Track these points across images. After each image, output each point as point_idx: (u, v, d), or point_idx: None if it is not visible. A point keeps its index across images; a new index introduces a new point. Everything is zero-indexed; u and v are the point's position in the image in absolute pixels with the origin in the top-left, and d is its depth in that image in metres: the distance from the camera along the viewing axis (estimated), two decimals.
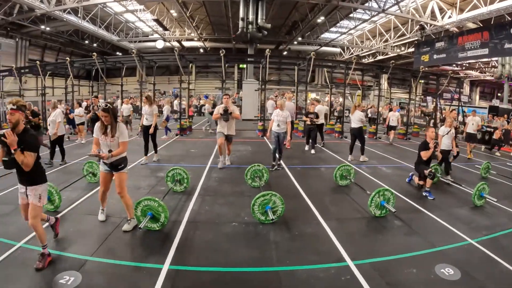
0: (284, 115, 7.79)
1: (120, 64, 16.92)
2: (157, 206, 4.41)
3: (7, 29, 23.97)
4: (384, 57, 30.16)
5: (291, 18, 24.74)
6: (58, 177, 6.91)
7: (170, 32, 28.10)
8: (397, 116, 13.62)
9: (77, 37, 27.55)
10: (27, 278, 3.23)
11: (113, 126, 4.27)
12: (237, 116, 7.85)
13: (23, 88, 16.98)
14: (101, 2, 19.42)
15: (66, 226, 4.59)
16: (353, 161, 9.04)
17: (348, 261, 3.64)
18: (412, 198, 5.98)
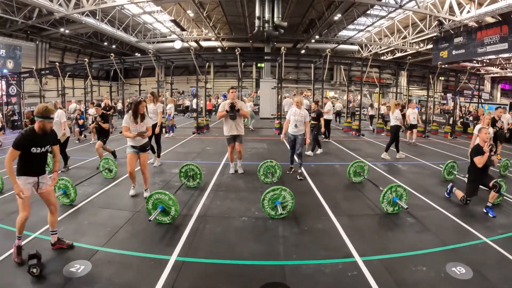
0: (303, 114, 6.74)
1: (138, 64, 17.23)
2: (168, 200, 4.49)
3: (27, 32, 24.73)
4: (402, 54, 29.54)
5: (308, 16, 24.54)
6: (76, 173, 7.14)
7: (188, 32, 28.35)
8: (417, 114, 12.46)
9: (96, 39, 28.13)
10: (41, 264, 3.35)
11: (143, 116, 5.52)
12: (245, 113, 6.86)
13: (43, 89, 17.53)
14: (118, 4, 19.76)
15: (81, 218, 4.78)
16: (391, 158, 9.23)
17: (356, 257, 3.59)
18: (426, 195, 5.84)
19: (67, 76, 17.89)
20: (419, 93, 30.93)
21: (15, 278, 3.23)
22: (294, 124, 6.79)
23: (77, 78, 21.09)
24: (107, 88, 18.75)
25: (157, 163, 7.96)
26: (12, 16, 19.53)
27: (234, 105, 6.56)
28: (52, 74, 20.30)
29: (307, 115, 6.84)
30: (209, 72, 34.84)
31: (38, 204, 5.27)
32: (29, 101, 20.45)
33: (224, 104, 6.72)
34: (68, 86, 18.54)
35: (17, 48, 23.77)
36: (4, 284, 3.13)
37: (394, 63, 17.17)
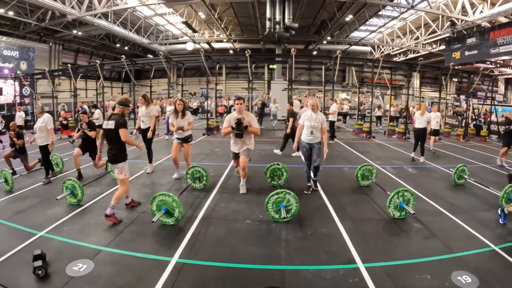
0: (319, 119, 5.79)
1: (149, 66, 17.40)
2: (172, 202, 4.51)
3: (40, 34, 25.18)
4: (415, 55, 29.15)
5: (319, 17, 24.39)
6: (85, 173, 7.22)
7: (199, 34, 28.48)
8: (439, 118, 11.20)
9: (108, 40, 28.52)
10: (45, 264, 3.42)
11: (184, 112, 6.60)
12: (255, 131, 5.73)
13: (55, 90, 17.84)
14: (130, 7, 19.98)
15: (87, 218, 4.86)
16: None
17: (358, 263, 3.54)
18: (435, 200, 5.72)
19: (79, 77, 18.19)
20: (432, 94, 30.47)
21: (19, 275, 3.32)
22: (310, 131, 5.83)
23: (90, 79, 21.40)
24: (119, 89, 18.94)
25: (150, 169, 7.45)
26: (25, 19, 19.96)
27: (241, 121, 5.56)
28: (65, 75, 20.66)
29: (324, 121, 5.86)
30: (221, 74, 35.01)
31: (44, 204, 5.43)
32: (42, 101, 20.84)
33: (230, 119, 5.72)
34: (81, 87, 18.84)
35: (30, 49, 24.24)
36: (9, 280, 3.21)
37: (406, 64, 16.92)
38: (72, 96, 16.95)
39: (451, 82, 31.99)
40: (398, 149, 10.95)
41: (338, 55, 13.67)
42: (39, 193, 6.05)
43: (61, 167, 7.73)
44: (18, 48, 23.18)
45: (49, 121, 6.86)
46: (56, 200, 5.27)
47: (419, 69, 15.09)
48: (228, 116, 5.85)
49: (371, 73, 14.88)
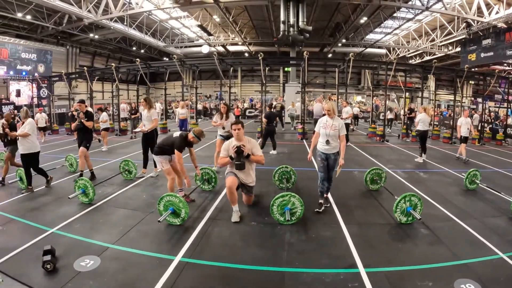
0: (336, 125, 5.11)
1: (164, 69, 17.68)
2: (178, 202, 4.60)
3: (57, 37, 26.00)
4: (431, 58, 28.70)
5: (334, 20, 24.34)
6: (97, 174, 7.43)
7: (215, 37, 28.78)
8: (470, 124, 10.36)
9: (125, 43, 29.14)
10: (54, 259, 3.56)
11: (227, 114, 7.66)
12: (259, 159, 5.02)
13: (72, 92, 18.30)
14: (145, 11, 20.37)
15: (97, 216, 5.02)
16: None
17: (360, 268, 3.52)
18: (444, 205, 5.63)
19: (95, 80, 18.60)
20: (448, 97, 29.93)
21: (29, 269, 3.47)
22: (325, 140, 5.15)
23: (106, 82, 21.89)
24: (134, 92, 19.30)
25: (155, 172, 7.39)
26: (43, 22, 20.66)
27: (241, 149, 4.82)
28: (81, 78, 21.18)
29: (342, 127, 5.14)
30: (236, 76, 35.25)
31: (56, 203, 5.62)
32: (59, 103, 21.40)
33: (228, 147, 4.99)
34: (97, 89, 19.27)
35: (48, 52, 25.00)
36: (20, 274, 3.36)
37: (420, 66, 16.70)
38: (89, 98, 17.32)
39: (467, 84, 31.35)
40: (411, 152, 10.81)
41: (351, 58, 13.63)
42: (52, 191, 6.27)
43: (75, 167, 7.94)
44: (36, 51, 23.94)
45: (29, 125, 6.28)
46: (68, 199, 5.45)
47: (433, 71, 14.87)
48: (225, 144, 5.08)
49: (385, 76, 14.77)
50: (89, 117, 7.10)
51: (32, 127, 6.32)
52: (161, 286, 3.17)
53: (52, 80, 19.73)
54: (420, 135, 9.65)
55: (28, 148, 6.25)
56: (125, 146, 11.32)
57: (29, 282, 3.24)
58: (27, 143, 6.24)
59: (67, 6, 17.61)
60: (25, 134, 6.19)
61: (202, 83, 31.88)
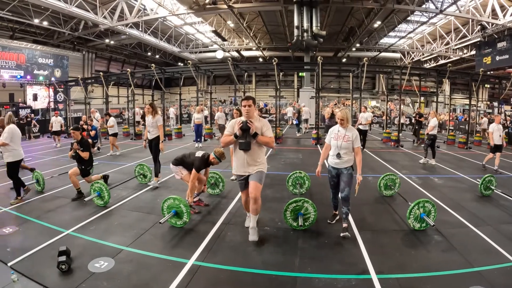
0: (350, 136, 4.48)
1: (179, 74, 17.91)
2: (179, 204, 4.70)
3: (74, 43, 26.58)
4: (446, 61, 28.35)
5: (347, 24, 24.23)
6: (113, 177, 7.55)
7: (229, 42, 28.97)
8: (501, 130, 9.53)
9: (140, 49, 29.57)
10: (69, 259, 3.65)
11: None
12: (267, 140, 4.19)
13: (88, 97, 18.68)
14: (160, 16, 20.65)
15: (112, 219, 5.13)
16: None
17: (372, 274, 3.50)
18: (458, 211, 5.54)
19: (111, 84, 18.96)
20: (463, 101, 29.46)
21: (45, 269, 3.57)
22: (336, 153, 4.54)
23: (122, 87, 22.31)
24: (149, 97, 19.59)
25: (154, 182, 7.03)
26: (59, 28, 21.09)
27: (248, 126, 4.05)
28: (97, 83, 21.61)
29: (356, 138, 4.51)
30: (250, 82, 35.42)
31: (72, 205, 5.76)
32: (75, 107, 21.87)
33: (234, 124, 4.24)
34: (113, 94, 19.62)
35: (64, 57, 25.60)
36: (35, 274, 3.47)
37: (435, 70, 16.50)
38: (104, 103, 17.67)
39: (483, 88, 30.79)
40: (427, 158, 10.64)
41: (365, 63, 13.57)
42: (69, 194, 6.40)
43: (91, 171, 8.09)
44: (52, 56, 24.54)
45: (6, 134, 5.89)
46: (84, 202, 5.61)
47: (448, 75, 14.67)
48: (232, 121, 4.40)
49: (399, 80, 14.65)
50: (84, 147, 6.35)
51: (10, 135, 5.86)
52: None
53: (68, 85, 20.19)
54: (434, 139, 9.84)
55: (6, 156, 5.91)
56: (140, 151, 11.46)
57: (44, 281, 3.33)
58: (6, 152, 5.89)
59: (83, 13, 17.99)
60: (2, 144, 5.80)
61: (216, 88, 32.09)
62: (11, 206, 5.73)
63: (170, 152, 11.19)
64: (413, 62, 30.07)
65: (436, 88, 15.29)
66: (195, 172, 5.31)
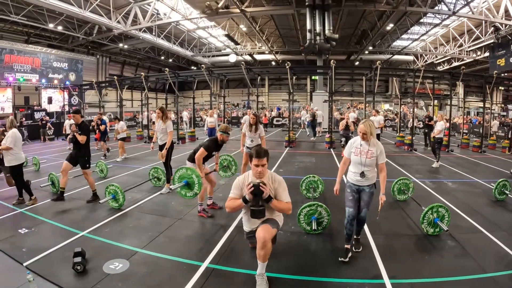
0: (374, 152, 3.88)
1: (192, 78, 18.11)
2: (191, 174, 4.80)
3: (88, 47, 27.09)
4: (459, 63, 27.92)
5: (360, 27, 24.17)
6: (128, 180, 7.69)
7: (242, 46, 29.13)
8: None
9: (153, 53, 29.94)
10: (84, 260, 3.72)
11: (256, 125, 6.98)
12: (283, 207, 3.44)
13: (102, 100, 19.01)
14: (173, 21, 20.92)
15: (127, 221, 5.22)
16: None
17: (385, 279, 3.49)
18: (472, 216, 5.47)
19: (125, 88, 19.23)
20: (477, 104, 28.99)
21: (60, 270, 3.65)
22: (360, 172, 3.92)
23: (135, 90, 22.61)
24: (163, 100, 19.80)
25: (165, 189, 6.88)
26: (73, 33, 21.59)
27: (260, 190, 3.25)
28: (111, 86, 21.94)
29: (381, 154, 3.91)
30: (263, 85, 35.51)
31: (87, 207, 5.87)
32: (90, 110, 22.24)
33: (242, 184, 3.47)
34: (127, 97, 19.92)
35: (78, 61, 26.14)
36: (51, 274, 3.55)
37: (448, 73, 16.30)
38: (118, 106, 17.94)
39: (497, 90, 30.26)
40: (440, 162, 10.53)
41: (378, 66, 13.51)
42: (84, 196, 6.51)
43: (105, 173, 8.26)
44: (67, 60, 25.07)
45: (9, 138, 5.92)
46: (99, 204, 5.72)
47: (462, 78, 14.49)
48: (238, 179, 3.54)
49: (413, 83, 14.53)
50: (83, 130, 6.08)
51: (14, 139, 5.93)
52: None
53: (83, 88, 20.56)
54: (440, 142, 10.04)
55: (9, 160, 5.96)
56: (154, 154, 11.59)
57: (59, 282, 3.41)
58: (9, 155, 5.94)
59: (97, 17, 18.35)
60: (7, 148, 5.87)
61: (229, 91, 32.26)
62: (26, 207, 5.88)
63: (184, 156, 11.26)
64: (426, 65, 29.80)
65: (450, 91, 15.07)
66: (202, 150, 5.09)
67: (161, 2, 18.66)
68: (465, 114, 19.39)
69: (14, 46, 21.68)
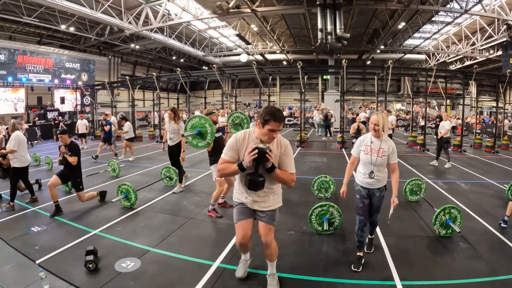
0: (385, 150, 3.56)
1: (204, 78, 18.20)
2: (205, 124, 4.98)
3: (100, 48, 27.37)
4: (472, 62, 27.45)
5: (371, 26, 23.92)
6: (140, 179, 7.78)
7: (253, 45, 29.10)
8: None
9: (165, 53, 30.10)
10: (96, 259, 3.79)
11: None
12: (284, 179, 2.87)
13: (114, 100, 19.23)
14: (184, 21, 21.00)
15: (139, 220, 5.29)
16: None
17: (396, 281, 3.47)
18: (484, 218, 5.38)
19: (137, 88, 19.40)
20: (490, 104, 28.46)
21: (72, 267, 3.71)
22: (369, 171, 3.61)
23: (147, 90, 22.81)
24: (175, 100, 19.94)
25: (177, 188, 6.93)
26: (85, 34, 21.82)
27: (266, 157, 2.65)
28: (123, 86, 22.14)
29: (393, 153, 3.59)
30: (275, 85, 35.48)
31: (99, 206, 5.97)
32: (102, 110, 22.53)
33: (238, 144, 2.89)
34: (139, 97, 20.13)
35: (91, 62, 26.47)
36: (62, 272, 3.61)
37: (461, 72, 16.07)
38: (130, 106, 18.13)
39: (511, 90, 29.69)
40: (452, 162, 10.41)
41: (390, 65, 13.40)
42: None
43: (118, 172, 8.37)
44: (79, 61, 25.40)
45: (13, 141, 5.98)
46: (111, 203, 5.79)
47: (474, 77, 14.28)
48: (235, 139, 2.89)
49: (425, 83, 14.38)
50: (73, 151, 5.73)
51: (17, 142, 5.96)
52: None
53: (95, 88, 20.84)
54: (449, 141, 10.05)
55: (13, 162, 6.02)
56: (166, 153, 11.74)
57: (71, 280, 3.46)
58: (13, 158, 5.99)
59: (109, 18, 18.52)
60: (11, 151, 5.95)
61: (241, 91, 32.29)
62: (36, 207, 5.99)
63: (197, 155, 11.39)
64: (439, 64, 29.34)
65: (463, 90, 14.84)
66: (221, 158, 5.10)
67: (172, 3, 18.77)
68: (478, 114, 19.04)
69: (26, 47, 22.01)
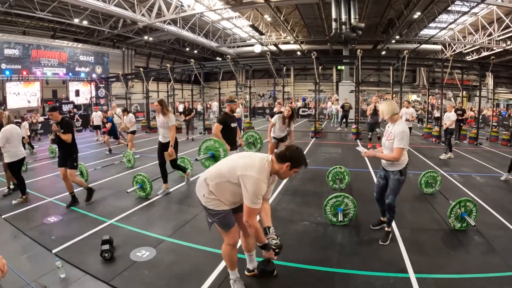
0: (393, 134, 3.87)
1: (218, 69, 18.18)
2: (218, 148, 4.96)
3: (113, 40, 27.48)
4: (489, 53, 26.60)
5: (386, 16, 23.41)
6: (154, 170, 7.77)
7: (266, 36, 28.81)
8: None
9: (178, 45, 30.06)
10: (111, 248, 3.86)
11: (290, 120, 6.74)
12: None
13: (129, 92, 19.41)
14: (197, 12, 20.87)
15: (154, 211, 5.38)
16: None
17: (410, 273, 3.44)
18: (501, 213, 5.27)
19: (151, 80, 19.52)
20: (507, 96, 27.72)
21: (88, 256, 3.80)
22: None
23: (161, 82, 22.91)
24: (189, 91, 20.01)
25: (163, 190, 6.23)
26: (99, 27, 21.93)
27: (278, 253, 3.09)
28: (137, 78, 22.31)
29: (398, 135, 3.78)
30: (289, 75, 35.25)
31: (115, 196, 6.06)
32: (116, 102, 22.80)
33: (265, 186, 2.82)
34: (153, 89, 20.27)
35: (104, 55, 26.69)
36: (79, 262, 3.69)
37: (478, 63, 15.68)
38: (145, 98, 18.27)
39: None
40: (468, 155, 10.23)
41: (405, 55, 13.16)
42: (111, 186, 6.76)
43: (133, 163, 8.49)
44: (93, 54, 25.62)
45: (8, 133, 5.72)
46: (127, 193, 5.85)
47: (491, 68, 13.91)
48: (262, 181, 2.75)
49: (441, 74, 14.09)
50: (65, 128, 5.46)
51: (4, 137, 5.66)
52: (214, 279, 3.34)
53: (109, 81, 21.05)
54: (452, 133, 10.08)
55: (5, 157, 5.83)
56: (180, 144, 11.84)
57: (87, 269, 3.54)
58: (5, 152, 5.78)
59: (122, 11, 18.57)
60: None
61: (255, 82, 32.14)
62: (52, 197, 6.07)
63: None
64: (455, 55, 28.65)
65: (479, 82, 14.53)
66: (216, 124, 5.32)
67: None
68: (494, 106, 18.59)
69: (40, 41, 22.24)
